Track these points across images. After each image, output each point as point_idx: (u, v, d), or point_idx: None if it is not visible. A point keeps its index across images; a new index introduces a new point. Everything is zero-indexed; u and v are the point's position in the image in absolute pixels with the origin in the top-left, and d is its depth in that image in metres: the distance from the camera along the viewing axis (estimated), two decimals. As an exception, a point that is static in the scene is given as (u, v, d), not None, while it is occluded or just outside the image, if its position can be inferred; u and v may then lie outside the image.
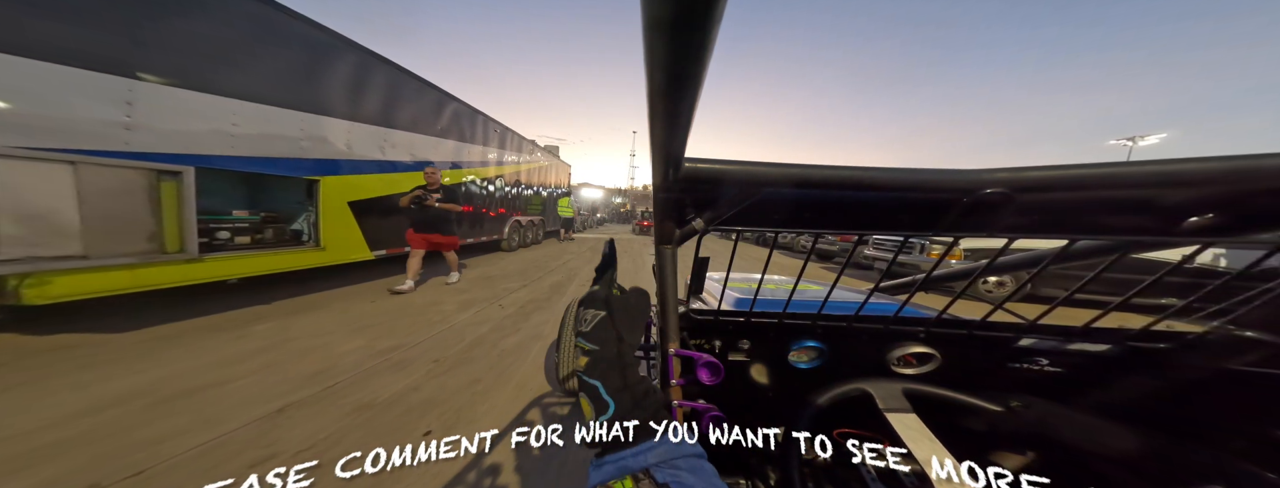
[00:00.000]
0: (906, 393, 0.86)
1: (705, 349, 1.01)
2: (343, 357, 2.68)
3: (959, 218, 0.66)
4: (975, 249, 5.61)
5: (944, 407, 0.86)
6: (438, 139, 6.52)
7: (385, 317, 3.69)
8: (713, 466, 0.42)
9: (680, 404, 0.78)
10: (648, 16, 0.26)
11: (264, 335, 3.00)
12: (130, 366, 2.37)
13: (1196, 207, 0.57)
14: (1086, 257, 0.96)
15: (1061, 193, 0.57)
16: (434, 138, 6.40)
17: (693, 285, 1.41)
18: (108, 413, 1.87)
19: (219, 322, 3.24)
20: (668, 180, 0.58)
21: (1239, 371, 0.73)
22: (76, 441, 1.67)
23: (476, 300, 4.50)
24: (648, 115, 0.40)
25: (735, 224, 0.74)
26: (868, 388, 0.88)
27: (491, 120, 8.42)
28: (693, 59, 0.31)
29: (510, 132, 9.49)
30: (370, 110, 4.93)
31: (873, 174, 0.59)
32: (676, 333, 0.81)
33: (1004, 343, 0.90)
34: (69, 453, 1.58)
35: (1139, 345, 0.83)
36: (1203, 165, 0.50)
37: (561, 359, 1.94)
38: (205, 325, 3.13)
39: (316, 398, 2.13)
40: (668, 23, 0.27)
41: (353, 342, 2.99)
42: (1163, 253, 0.83)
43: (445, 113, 6.66)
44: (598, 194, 33.65)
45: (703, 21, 0.26)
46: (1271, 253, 0.59)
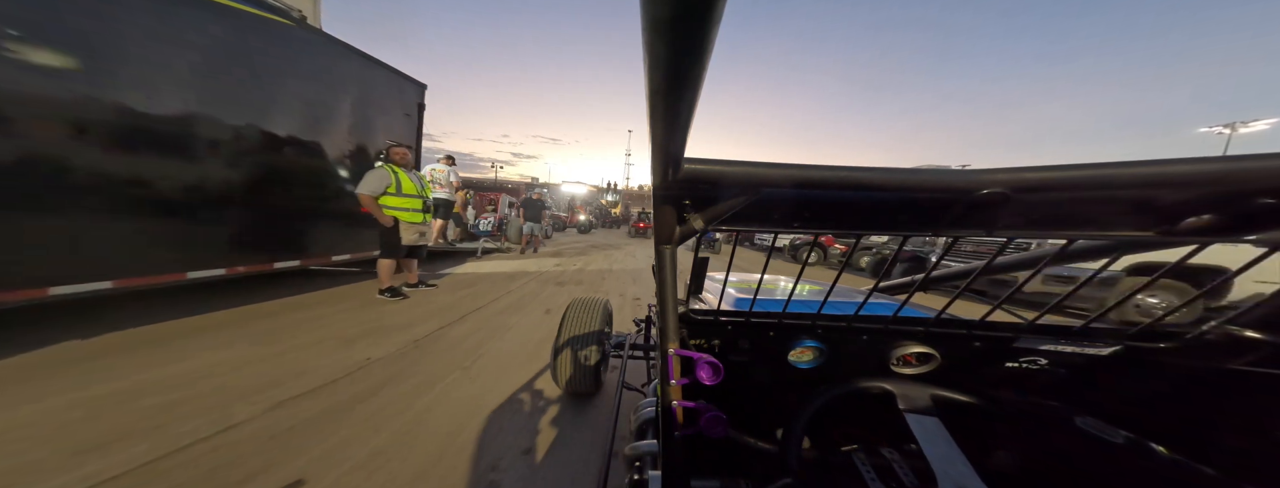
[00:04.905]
0: (933, 397, 0.86)
1: (705, 349, 1.01)
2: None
3: (958, 218, 0.66)
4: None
5: (952, 408, 0.86)
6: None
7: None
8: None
9: (680, 404, 0.78)
10: (648, 16, 0.26)
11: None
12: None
13: (1194, 207, 0.58)
14: (1085, 257, 0.97)
15: (1060, 193, 0.57)
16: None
17: (692, 285, 1.41)
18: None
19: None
20: (667, 180, 0.58)
21: (1239, 370, 0.73)
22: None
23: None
24: (647, 115, 0.40)
25: (734, 224, 0.74)
26: (890, 387, 0.88)
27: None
28: (693, 59, 0.31)
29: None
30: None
31: (872, 174, 0.59)
32: (676, 333, 0.81)
33: (1003, 343, 0.91)
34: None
35: (1139, 345, 0.83)
36: (1201, 166, 0.50)
37: (558, 367, 1.93)
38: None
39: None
40: (668, 23, 0.27)
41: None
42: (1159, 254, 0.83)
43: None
44: (582, 191, 29.23)
45: (702, 21, 0.26)
46: (1271, 253, 0.59)
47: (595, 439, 1.91)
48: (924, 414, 0.82)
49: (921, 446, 0.75)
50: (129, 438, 1.70)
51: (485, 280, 5.67)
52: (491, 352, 2.99)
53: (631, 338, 2.13)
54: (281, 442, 1.76)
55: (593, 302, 2.14)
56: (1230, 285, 0.85)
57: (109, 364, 2.38)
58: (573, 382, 1.95)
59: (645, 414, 0.98)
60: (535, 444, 1.86)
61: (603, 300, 2.19)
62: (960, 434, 0.78)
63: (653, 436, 0.91)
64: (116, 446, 1.65)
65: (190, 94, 3.15)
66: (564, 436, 1.93)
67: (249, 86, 3.56)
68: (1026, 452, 0.89)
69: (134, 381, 2.21)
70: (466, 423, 1.99)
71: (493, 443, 1.84)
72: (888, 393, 0.88)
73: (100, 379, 2.20)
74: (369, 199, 3.82)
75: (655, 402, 0.95)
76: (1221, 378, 0.75)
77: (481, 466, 1.69)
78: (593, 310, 2.05)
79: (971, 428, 0.83)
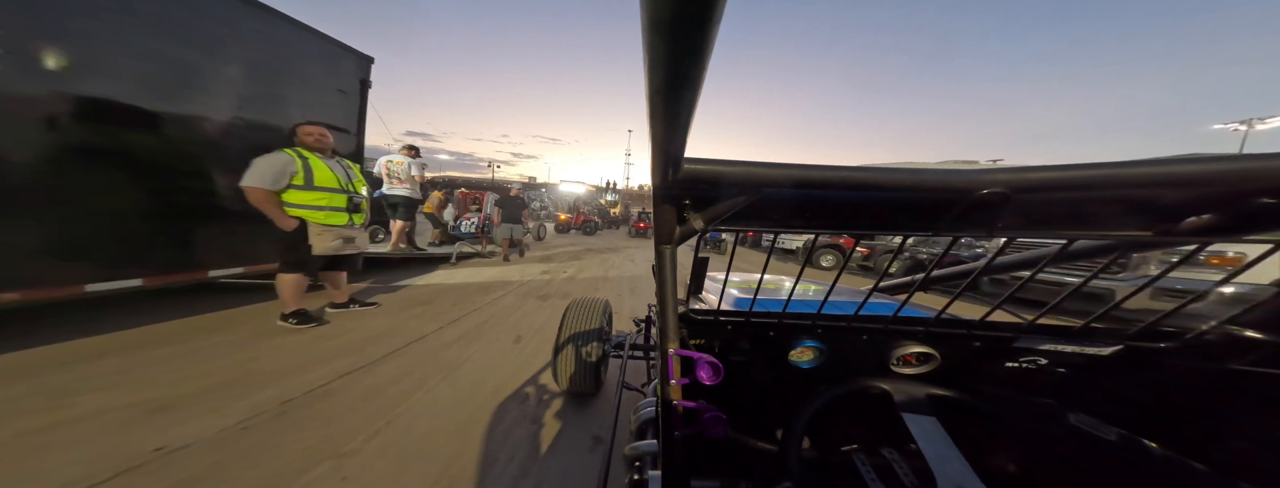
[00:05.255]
0: (930, 397, 0.86)
1: (705, 349, 1.01)
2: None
3: (958, 218, 0.66)
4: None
5: (952, 408, 0.86)
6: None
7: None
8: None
9: (680, 404, 0.78)
10: (648, 16, 0.26)
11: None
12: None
13: (1195, 207, 0.58)
14: (1086, 257, 0.97)
15: (1060, 193, 0.57)
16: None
17: (692, 285, 1.41)
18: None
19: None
20: (667, 180, 0.57)
21: (1239, 370, 0.73)
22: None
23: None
24: (647, 115, 0.40)
25: (734, 224, 0.74)
26: (887, 387, 0.88)
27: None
28: (693, 59, 0.31)
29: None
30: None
31: (872, 174, 0.59)
32: (676, 333, 0.81)
33: (1003, 343, 0.91)
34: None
35: (1139, 345, 0.83)
36: (1201, 166, 0.50)
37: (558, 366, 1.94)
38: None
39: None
40: (668, 23, 0.27)
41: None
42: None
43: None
44: (579, 189, 28.75)
45: (702, 21, 0.26)
46: (1271, 252, 0.59)
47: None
48: (923, 414, 0.82)
49: (920, 445, 0.76)
50: None
51: (448, 294, 4.52)
52: (411, 417, 1.92)
53: (631, 338, 2.13)
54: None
55: (593, 301, 2.15)
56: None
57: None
58: (573, 381, 1.95)
59: (645, 414, 0.98)
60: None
61: (603, 300, 2.20)
62: (959, 434, 0.78)
63: (653, 436, 0.91)
64: None
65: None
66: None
67: (51, 30, 2.44)
68: (1025, 451, 0.89)
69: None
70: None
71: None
72: (887, 393, 0.88)
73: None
74: (260, 193, 2.79)
75: (655, 402, 0.95)
76: (1221, 378, 0.75)
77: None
78: (593, 310, 2.06)
79: (970, 428, 0.83)
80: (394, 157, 5.67)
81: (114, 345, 2.57)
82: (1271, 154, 0.48)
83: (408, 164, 5.63)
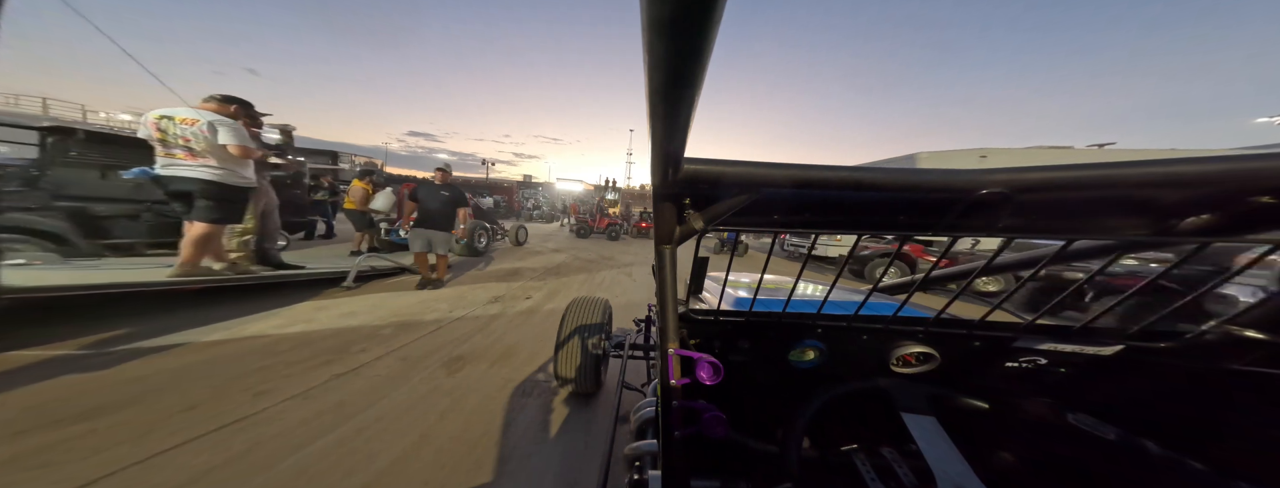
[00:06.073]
0: (930, 397, 0.86)
1: (705, 349, 1.01)
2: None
3: (958, 218, 0.66)
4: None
5: (952, 408, 0.86)
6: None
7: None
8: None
9: (680, 404, 0.78)
10: (648, 16, 0.26)
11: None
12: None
13: (1194, 207, 0.58)
14: (1085, 257, 0.97)
15: (1060, 193, 0.57)
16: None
17: (692, 285, 1.41)
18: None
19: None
20: (667, 180, 0.57)
21: (1239, 370, 0.73)
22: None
23: None
24: (647, 115, 0.40)
25: (734, 224, 0.74)
26: (887, 387, 0.88)
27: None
28: (693, 59, 0.31)
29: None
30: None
31: (872, 174, 0.59)
32: (676, 333, 0.81)
33: (1003, 343, 0.91)
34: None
35: (1139, 345, 0.83)
36: (1200, 166, 0.50)
37: (558, 361, 1.94)
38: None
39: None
40: (668, 23, 0.27)
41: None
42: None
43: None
44: (577, 188, 27.59)
45: (702, 21, 0.26)
46: (1270, 252, 0.59)
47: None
48: (923, 414, 0.82)
49: (919, 445, 0.76)
50: None
51: (221, 371, 2.20)
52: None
53: (631, 338, 2.13)
54: None
55: (593, 301, 2.15)
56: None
57: None
58: (573, 380, 1.95)
59: (645, 414, 0.98)
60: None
61: (603, 300, 2.20)
62: (959, 434, 0.78)
63: (653, 435, 0.91)
64: None
65: None
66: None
67: None
68: (1024, 451, 0.89)
69: None
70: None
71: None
72: (887, 393, 0.88)
73: None
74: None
75: (655, 402, 0.95)
76: (1221, 378, 0.75)
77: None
78: (593, 310, 2.06)
79: (970, 428, 0.83)
80: (178, 110, 2.84)
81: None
82: (1271, 154, 0.48)
83: (202, 124, 2.79)
